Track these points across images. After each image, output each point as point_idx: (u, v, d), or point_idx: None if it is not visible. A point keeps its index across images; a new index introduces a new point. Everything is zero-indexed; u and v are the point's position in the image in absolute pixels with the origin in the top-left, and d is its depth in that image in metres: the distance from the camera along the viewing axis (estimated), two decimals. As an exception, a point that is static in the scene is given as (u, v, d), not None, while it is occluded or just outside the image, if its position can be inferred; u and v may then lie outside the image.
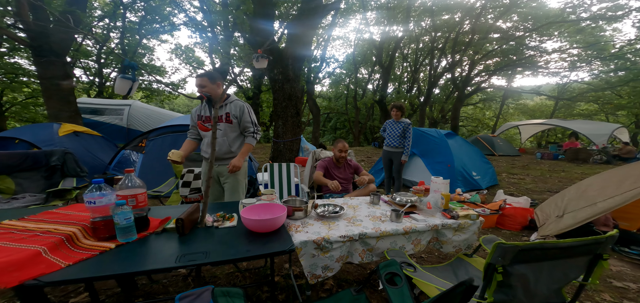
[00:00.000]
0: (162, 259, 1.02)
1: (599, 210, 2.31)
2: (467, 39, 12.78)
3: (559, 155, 9.29)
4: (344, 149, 2.57)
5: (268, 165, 2.98)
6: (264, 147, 11.48)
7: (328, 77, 18.78)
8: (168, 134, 3.75)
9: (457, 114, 14.82)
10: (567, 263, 0.86)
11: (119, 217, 1.02)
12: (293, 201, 1.68)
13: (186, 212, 1.26)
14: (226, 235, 1.28)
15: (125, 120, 8.12)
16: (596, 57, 12.10)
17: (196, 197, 2.38)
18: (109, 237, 1.08)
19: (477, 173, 4.52)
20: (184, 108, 32.67)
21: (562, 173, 6.45)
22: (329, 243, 1.32)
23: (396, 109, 3.56)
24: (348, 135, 20.12)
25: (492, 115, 20.26)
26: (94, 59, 13.65)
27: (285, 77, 4.75)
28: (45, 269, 0.86)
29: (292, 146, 4.97)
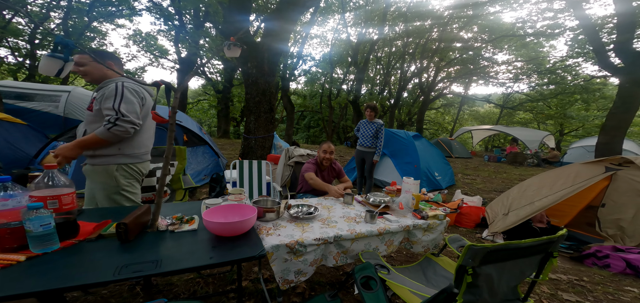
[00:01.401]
0: (95, 272, 0.83)
1: (536, 208, 2.66)
2: (434, 46, 13.85)
3: (501, 158, 10.66)
4: (329, 150, 2.42)
5: (237, 162, 2.78)
6: (234, 143, 10.88)
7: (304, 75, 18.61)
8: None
9: (422, 117, 15.99)
10: (525, 261, 0.92)
11: (33, 223, 0.80)
12: (264, 201, 1.56)
13: (132, 215, 1.07)
14: (184, 240, 1.12)
15: (62, 108, 6.89)
16: (534, 71, 14.15)
17: (150, 196, 2.10)
18: (18, 248, 0.85)
19: (438, 174, 4.88)
20: (144, 97, 29.26)
21: (504, 175, 7.35)
22: (302, 247, 1.24)
23: (370, 110, 3.63)
24: (321, 134, 20.26)
25: (451, 119, 22.31)
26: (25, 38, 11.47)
27: (259, 71, 4.52)
28: None
29: (265, 143, 4.76)
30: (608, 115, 6.13)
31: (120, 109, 1.40)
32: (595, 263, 2.36)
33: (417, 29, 13.23)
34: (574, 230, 2.96)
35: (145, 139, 1.65)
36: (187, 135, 3.89)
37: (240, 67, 5.27)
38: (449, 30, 13.13)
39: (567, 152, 10.59)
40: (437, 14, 12.41)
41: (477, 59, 14.66)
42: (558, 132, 17.43)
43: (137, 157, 1.58)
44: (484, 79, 16.36)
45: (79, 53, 1.48)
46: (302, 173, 2.45)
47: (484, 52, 14.35)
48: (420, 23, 13.02)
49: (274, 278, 1.81)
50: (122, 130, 1.40)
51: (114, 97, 1.42)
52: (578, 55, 11.15)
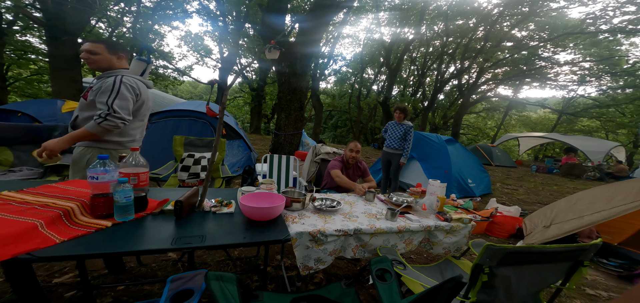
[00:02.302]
0: (157, 240, 1.04)
1: (585, 223, 2.36)
2: (479, 46, 12.69)
3: (553, 169, 9.34)
4: (356, 149, 2.48)
5: (268, 156, 3.00)
6: (264, 138, 11.49)
7: (333, 75, 18.71)
8: (170, 118, 3.77)
9: (459, 121, 14.80)
10: (548, 267, 0.89)
11: (119, 194, 1.04)
12: (291, 192, 1.71)
13: (185, 195, 1.29)
14: (223, 221, 1.31)
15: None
16: (607, 72, 12.03)
17: (194, 181, 2.41)
18: (106, 215, 1.09)
19: (472, 181, 4.55)
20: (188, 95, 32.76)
21: (555, 187, 6.48)
22: (324, 236, 1.35)
23: (399, 111, 3.57)
24: (348, 134, 20.13)
25: (494, 125, 20.23)
26: None
27: (292, 71, 4.75)
28: (40, 244, 0.86)
29: (293, 140, 4.98)
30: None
31: (113, 105, 1.46)
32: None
33: (459, 27, 12.29)
34: (630, 248, 2.63)
35: (131, 129, 1.66)
36: (225, 129, 4.29)
37: (274, 66, 5.58)
38: (497, 29, 11.87)
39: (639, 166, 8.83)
40: (484, 12, 11.35)
41: (532, 59, 12.94)
42: (632, 143, 14.58)
43: (119, 145, 1.62)
44: (540, 81, 14.35)
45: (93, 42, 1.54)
46: (328, 170, 2.56)
47: (541, 52, 12.61)
48: (463, 22, 12.06)
49: (294, 268, 1.98)
50: (111, 125, 1.46)
51: (110, 93, 1.46)
52: None
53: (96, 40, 1.57)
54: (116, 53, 1.57)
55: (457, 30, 12.39)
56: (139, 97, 1.62)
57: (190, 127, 3.75)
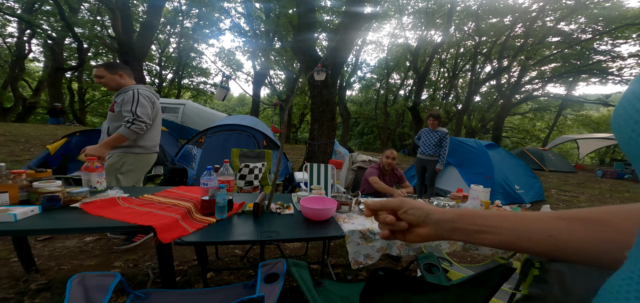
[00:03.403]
0: (248, 233, 1.35)
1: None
2: (518, 43, 11.75)
3: (625, 174, 8.06)
4: (392, 156, 2.64)
5: (308, 165, 3.29)
6: (294, 148, 12.00)
7: (358, 82, 18.81)
8: (222, 132, 4.33)
9: (500, 124, 13.66)
10: None
11: (220, 197, 1.37)
12: (339, 196, 1.93)
13: (259, 198, 1.60)
14: (287, 220, 1.58)
15: (180, 118, 9.29)
16: None
17: (249, 189, 2.78)
18: (209, 214, 1.43)
19: (520, 187, 4.26)
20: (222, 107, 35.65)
21: (626, 194, 5.65)
22: (372, 234, 1.53)
23: (433, 118, 3.60)
24: (375, 140, 19.83)
25: (544, 126, 18.13)
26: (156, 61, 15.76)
27: (323, 83, 5.06)
28: (182, 232, 1.20)
29: (326, 149, 5.24)
30: None
31: (136, 111, 1.83)
32: None
33: (492, 26, 11.56)
34: None
35: (154, 135, 2.07)
36: (266, 141, 4.73)
37: (308, 79, 5.99)
38: (539, 25, 10.90)
39: None
40: (521, 9, 10.55)
41: (587, 53, 11.49)
42: None
43: (147, 149, 2.02)
44: (600, 76, 12.55)
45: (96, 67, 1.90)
46: (366, 177, 2.73)
47: (597, 45, 11.15)
48: (496, 20, 11.33)
49: (338, 265, 2.17)
50: (138, 128, 1.84)
51: (132, 102, 1.84)
52: None
53: (97, 65, 1.92)
54: (116, 72, 1.91)
55: (491, 29, 11.66)
56: (154, 105, 1.99)
57: (238, 140, 4.26)
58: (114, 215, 1.27)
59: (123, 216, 1.27)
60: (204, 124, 8.56)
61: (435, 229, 0.41)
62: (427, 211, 0.42)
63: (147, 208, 1.38)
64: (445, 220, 0.40)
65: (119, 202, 1.45)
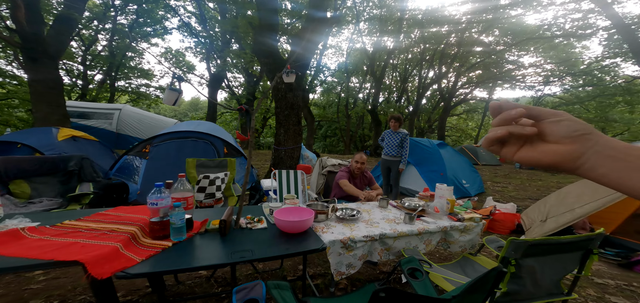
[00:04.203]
0: (215, 256, 1.13)
1: (577, 215, 2.61)
2: (452, 51, 13.64)
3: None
4: (361, 160, 2.66)
5: (276, 172, 3.09)
6: (258, 153, 11.45)
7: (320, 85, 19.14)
8: (173, 139, 3.77)
9: (443, 124, 15.59)
10: (565, 257, 1.06)
11: (175, 217, 1.12)
12: (315, 205, 1.82)
13: (225, 214, 1.37)
14: (260, 235, 1.40)
15: (115, 125, 7.88)
16: (567, 73, 13.30)
17: (210, 201, 2.45)
18: (164, 236, 1.17)
19: (466, 181, 4.85)
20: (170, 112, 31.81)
21: (540, 182, 7.00)
22: (353, 243, 1.47)
23: (394, 120, 3.80)
24: (338, 143, 20.44)
25: (475, 125, 21.42)
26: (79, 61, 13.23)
27: (288, 86, 4.92)
28: (126, 263, 0.95)
29: (293, 153, 5.09)
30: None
31: None
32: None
33: (433, 35, 13.17)
34: (622, 238, 2.85)
35: None
36: (227, 148, 4.32)
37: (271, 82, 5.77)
38: (467, 35, 12.92)
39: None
40: (454, 20, 12.30)
41: (501, 62, 14.13)
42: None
43: None
44: (510, 82, 15.63)
45: None
46: (336, 181, 2.70)
47: (508, 55, 13.81)
48: (436, 29, 12.97)
49: (316, 276, 2.07)
50: None
51: None
52: (615, 55, 10.38)
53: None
54: None
55: (432, 37, 13.27)
56: None
57: (193, 149, 3.76)
58: (18, 252, 0.95)
59: (33, 252, 0.95)
60: (148, 131, 7.44)
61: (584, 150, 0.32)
62: (590, 130, 0.32)
63: (70, 238, 1.05)
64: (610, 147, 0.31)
65: (24, 233, 1.08)
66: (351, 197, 2.55)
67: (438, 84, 15.78)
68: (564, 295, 1.16)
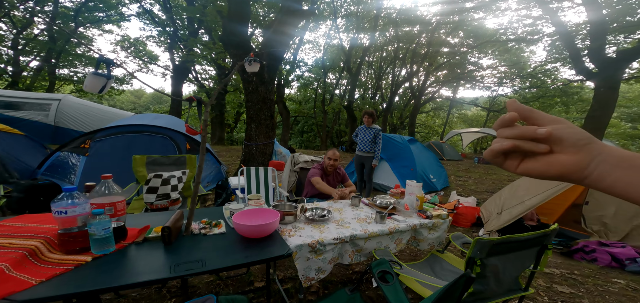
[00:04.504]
0: (152, 270, 0.93)
1: (527, 207, 2.83)
2: (423, 51, 14.37)
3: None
4: (334, 157, 2.56)
5: (244, 169, 2.87)
6: (230, 149, 10.87)
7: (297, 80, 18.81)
8: (121, 134, 3.29)
9: (414, 121, 16.44)
10: (524, 253, 1.08)
11: (96, 227, 0.89)
12: (282, 206, 1.68)
13: (171, 220, 1.17)
14: (217, 242, 1.23)
15: (53, 117, 6.75)
16: (517, 75, 14.87)
17: (164, 203, 2.16)
18: (82, 250, 0.93)
19: (433, 176, 5.10)
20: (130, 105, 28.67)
21: (494, 176, 7.71)
22: (322, 246, 1.37)
23: (368, 116, 3.80)
24: (315, 138, 20.41)
25: (441, 122, 22.99)
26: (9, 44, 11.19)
27: (260, 79, 4.65)
28: (14, 287, 0.73)
29: (265, 149, 4.85)
30: (586, 117, 6.57)
31: None
32: (584, 258, 2.50)
33: (406, 34, 13.73)
34: (563, 227, 3.13)
35: None
36: (190, 144, 3.93)
37: (241, 75, 5.40)
38: (436, 36, 13.71)
39: (550, 152, 11.13)
40: (425, 20, 12.93)
41: (464, 63, 15.33)
42: (540, 134, 18.25)
43: None
44: (471, 82, 17.07)
45: None
46: (309, 178, 2.58)
47: (470, 57, 15.03)
48: (409, 28, 13.52)
49: (287, 280, 1.94)
50: None
51: None
52: (556, 60, 11.85)
53: None
54: None
55: (405, 36, 13.85)
56: None
57: (148, 144, 3.33)
58: None
59: None
60: (95, 125, 6.51)
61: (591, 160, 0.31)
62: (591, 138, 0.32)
63: None
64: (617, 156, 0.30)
65: None
66: (324, 194, 2.46)
67: (409, 82, 16.53)
68: (522, 291, 1.19)
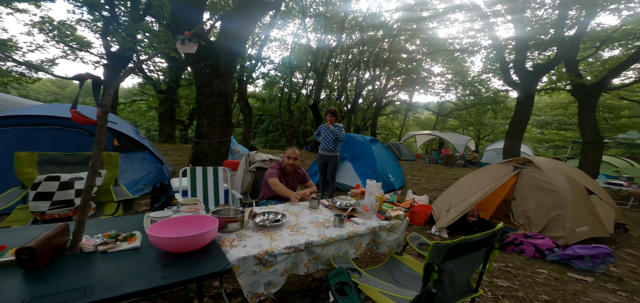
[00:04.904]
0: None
1: (469, 204, 3.05)
2: (385, 55, 15.23)
3: (438, 160, 12.38)
4: (294, 155, 2.34)
5: (188, 168, 2.46)
6: (182, 148, 9.73)
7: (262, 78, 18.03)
8: (13, 127, 2.51)
9: (375, 123, 17.32)
10: (475, 255, 1.05)
11: None
12: (225, 211, 1.41)
13: (41, 236, 0.81)
14: (124, 261, 0.93)
15: None
16: (460, 83, 16.89)
17: (66, 212, 1.65)
18: None
19: (392, 176, 5.31)
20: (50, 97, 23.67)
21: (442, 175, 8.51)
22: (272, 257, 1.16)
23: (330, 114, 3.70)
24: (280, 138, 19.89)
25: (399, 125, 24.79)
26: None
27: (214, 71, 4.17)
28: None
29: (220, 148, 4.38)
30: (510, 123, 7.70)
31: None
32: (514, 250, 2.72)
33: (370, 38, 14.37)
34: (496, 221, 3.41)
35: None
36: (118, 140, 3.28)
37: (191, 66, 4.77)
38: (397, 42, 14.68)
39: (484, 154, 12.96)
40: (388, 26, 13.69)
41: (419, 69, 16.82)
42: (476, 137, 21.21)
43: None
44: (424, 88, 18.83)
45: None
46: (265, 179, 2.33)
47: (424, 64, 16.55)
48: (373, 33, 14.19)
49: (237, 293, 1.67)
50: None
51: None
52: (489, 71, 13.82)
53: None
54: None
55: (369, 40, 14.49)
56: None
57: (56, 140, 2.61)
58: None
59: None
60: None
61: None
62: None
63: None
64: None
65: None
66: (282, 197, 2.23)
67: (372, 85, 17.36)
68: (473, 292, 1.18)
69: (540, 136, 18.39)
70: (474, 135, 21.13)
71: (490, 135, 20.27)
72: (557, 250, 2.53)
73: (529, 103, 7.24)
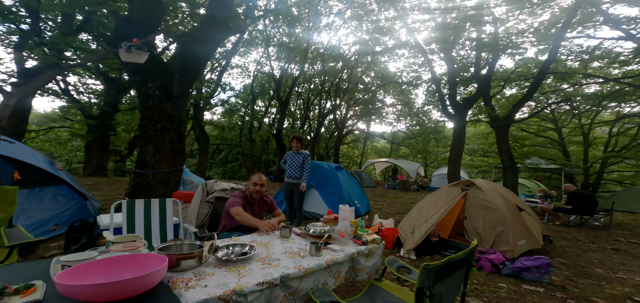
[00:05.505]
0: None
1: (430, 225, 3.20)
2: (344, 85, 16.42)
3: (395, 186, 13.32)
4: (260, 182, 2.14)
5: (124, 202, 2.01)
6: (116, 181, 8.24)
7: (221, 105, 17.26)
8: None
9: (338, 151, 17.92)
10: (458, 275, 1.05)
11: None
12: (177, 246, 1.14)
13: None
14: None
15: None
16: (408, 114, 19.15)
17: None
18: None
19: (358, 202, 5.39)
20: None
21: (400, 199, 9.09)
22: (242, 296, 0.95)
23: (296, 140, 3.64)
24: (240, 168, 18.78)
25: (359, 153, 26.22)
26: None
27: (165, 93, 3.78)
28: None
29: (169, 179, 3.81)
30: (450, 150, 8.91)
31: None
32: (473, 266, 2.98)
33: (331, 69, 15.48)
34: (453, 239, 3.69)
35: None
36: (21, 172, 2.58)
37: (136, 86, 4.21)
38: (355, 73, 16.04)
39: (432, 179, 14.51)
40: (346, 57, 14.97)
41: (374, 100, 18.61)
42: (424, 163, 23.82)
43: None
44: (379, 117, 20.74)
45: None
46: (227, 209, 2.05)
47: (378, 95, 18.43)
48: (334, 64, 15.36)
49: None
50: None
51: None
52: (430, 103, 16.16)
53: None
54: None
55: (330, 70, 15.58)
56: None
57: None
58: None
59: None
60: None
61: None
62: None
63: None
64: None
65: None
66: (247, 228, 1.97)
67: (334, 114, 18.29)
68: None
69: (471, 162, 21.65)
70: (422, 162, 23.65)
71: (435, 161, 22.96)
72: (508, 264, 2.74)
73: (462, 132, 8.56)
